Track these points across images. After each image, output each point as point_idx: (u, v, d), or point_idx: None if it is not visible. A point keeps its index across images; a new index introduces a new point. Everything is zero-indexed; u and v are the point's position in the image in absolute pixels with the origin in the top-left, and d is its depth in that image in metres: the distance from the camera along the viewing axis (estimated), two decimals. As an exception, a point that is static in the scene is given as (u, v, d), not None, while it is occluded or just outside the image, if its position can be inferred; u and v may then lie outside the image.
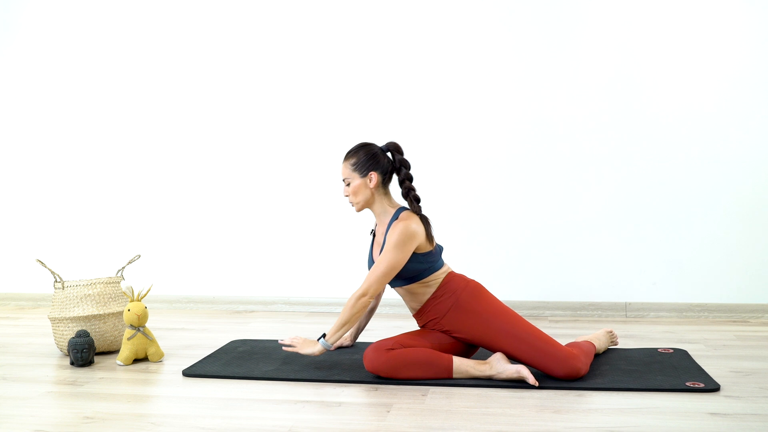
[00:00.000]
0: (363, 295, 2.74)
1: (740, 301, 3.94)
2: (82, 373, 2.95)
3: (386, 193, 2.90)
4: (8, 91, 4.68)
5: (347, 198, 2.88)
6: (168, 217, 4.52)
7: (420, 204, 2.86)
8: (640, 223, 4.04)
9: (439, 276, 2.84)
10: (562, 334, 3.52)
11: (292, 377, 2.78)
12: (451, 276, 2.85)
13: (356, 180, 2.84)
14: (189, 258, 4.50)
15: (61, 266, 4.29)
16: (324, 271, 4.35)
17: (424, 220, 2.82)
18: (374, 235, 2.98)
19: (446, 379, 2.68)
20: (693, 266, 4.00)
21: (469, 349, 2.88)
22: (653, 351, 3.12)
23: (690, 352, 3.11)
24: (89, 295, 3.27)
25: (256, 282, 4.43)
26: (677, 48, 3.99)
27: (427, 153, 4.21)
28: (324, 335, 2.80)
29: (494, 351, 2.77)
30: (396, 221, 2.79)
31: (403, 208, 2.86)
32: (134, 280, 4.13)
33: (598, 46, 4.06)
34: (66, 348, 3.21)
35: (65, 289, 3.28)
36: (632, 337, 3.46)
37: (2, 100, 4.70)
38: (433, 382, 2.67)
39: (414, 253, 2.78)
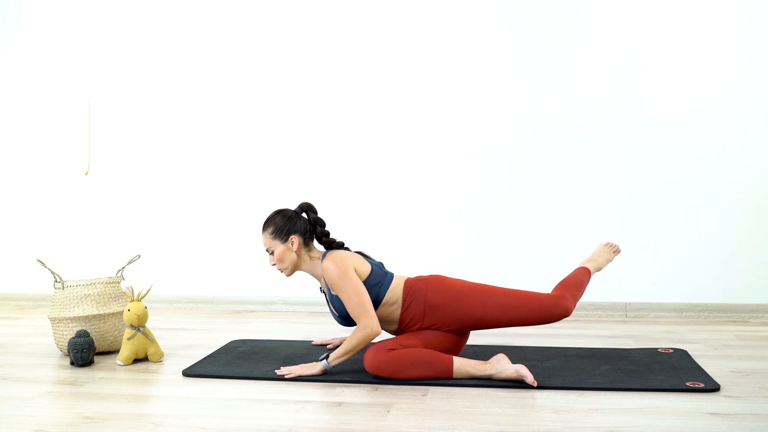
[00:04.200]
0: (372, 332, 2.73)
1: (740, 301, 3.94)
2: (82, 373, 2.95)
3: (310, 250, 2.94)
4: (8, 91, 4.68)
5: (274, 267, 2.93)
6: (168, 217, 4.52)
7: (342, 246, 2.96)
8: (640, 223, 4.04)
9: (396, 290, 2.86)
10: (562, 334, 3.53)
11: (292, 377, 2.78)
12: (409, 282, 2.88)
13: (279, 247, 2.88)
14: (189, 258, 4.50)
15: (61, 266, 4.29)
16: (324, 271, 4.34)
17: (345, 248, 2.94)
18: (324, 292, 2.98)
19: (446, 379, 2.68)
20: (693, 266, 4.00)
21: (462, 337, 2.90)
22: (653, 351, 3.12)
23: (690, 352, 3.11)
24: (89, 295, 3.27)
25: (256, 282, 4.43)
26: (677, 48, 4.00)
27: (427, 153, 4.21)
28: (327, 356, 2.79)
29: (483, 328, 2.82)
30: (323, 268, 2.82)
31: (323, 255, 2.89)
32: (134, 280, 4.13)
33: (598, 47, 4.06)
34: (66, 348, 3.21)
35: (65, 289, 3.28)
36: (632, 337, 3.45)
37: (2, 100, 4.70)
38: (433, 382, 2.67)
39: None
